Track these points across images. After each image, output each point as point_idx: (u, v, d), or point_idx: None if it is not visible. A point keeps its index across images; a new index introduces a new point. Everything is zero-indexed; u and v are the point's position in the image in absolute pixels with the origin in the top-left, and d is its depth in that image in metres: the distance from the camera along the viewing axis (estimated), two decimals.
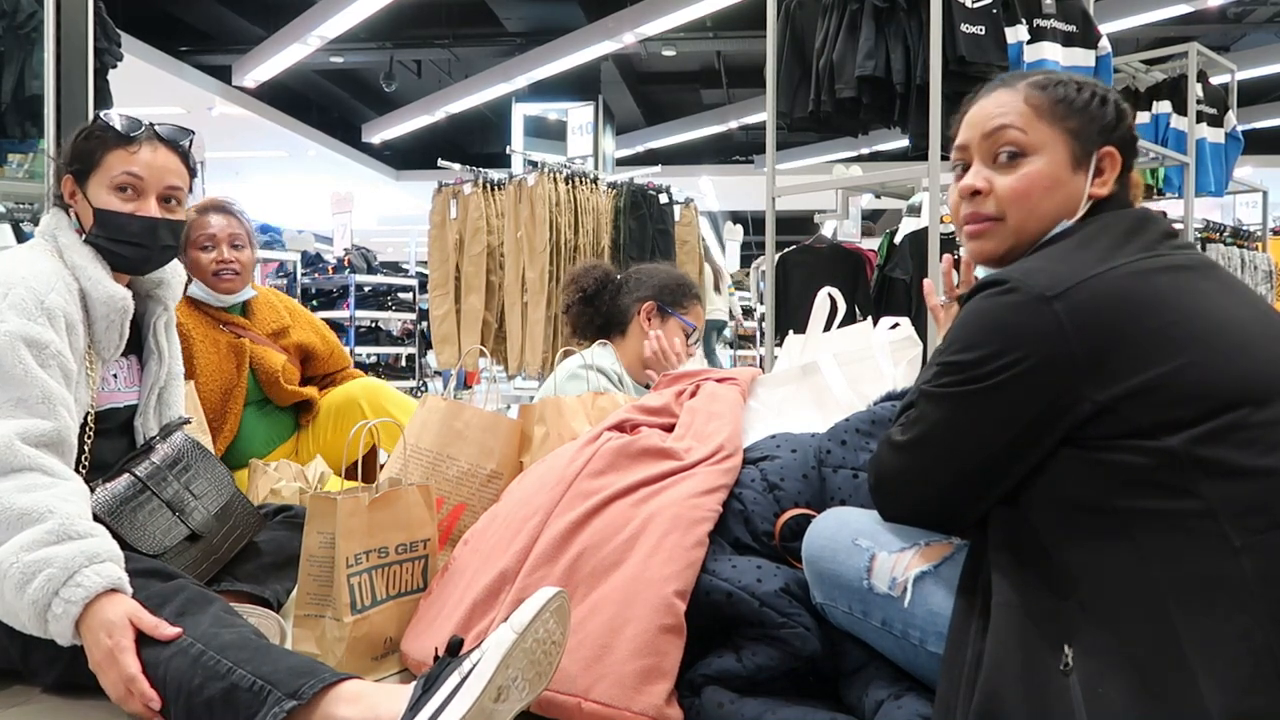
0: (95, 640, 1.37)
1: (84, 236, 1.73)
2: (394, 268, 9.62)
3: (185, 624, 1.38)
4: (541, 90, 11.66)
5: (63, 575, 1.38)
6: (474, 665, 1.18)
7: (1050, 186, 1.27)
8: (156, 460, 1.77)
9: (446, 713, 1.15)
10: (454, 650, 1.23)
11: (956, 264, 1.62)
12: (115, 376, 1.80)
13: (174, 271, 1.89)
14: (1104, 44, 3.92)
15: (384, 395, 2.81)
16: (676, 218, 5.98)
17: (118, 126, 1.72)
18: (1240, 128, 5.69)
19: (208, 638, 1.34)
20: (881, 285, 4.13)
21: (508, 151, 7.74)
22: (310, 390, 2.84)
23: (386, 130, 13.35)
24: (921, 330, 2.68)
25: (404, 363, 9.03)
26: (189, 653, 1.33)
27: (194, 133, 1.82)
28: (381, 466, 1.89)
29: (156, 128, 1.77)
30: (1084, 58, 3.81)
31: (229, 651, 1.31)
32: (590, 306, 2.73)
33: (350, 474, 2.73)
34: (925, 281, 1.72)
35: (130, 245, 1.73)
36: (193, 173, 1.83)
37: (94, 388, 1.71)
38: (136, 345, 1.86)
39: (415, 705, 1.18)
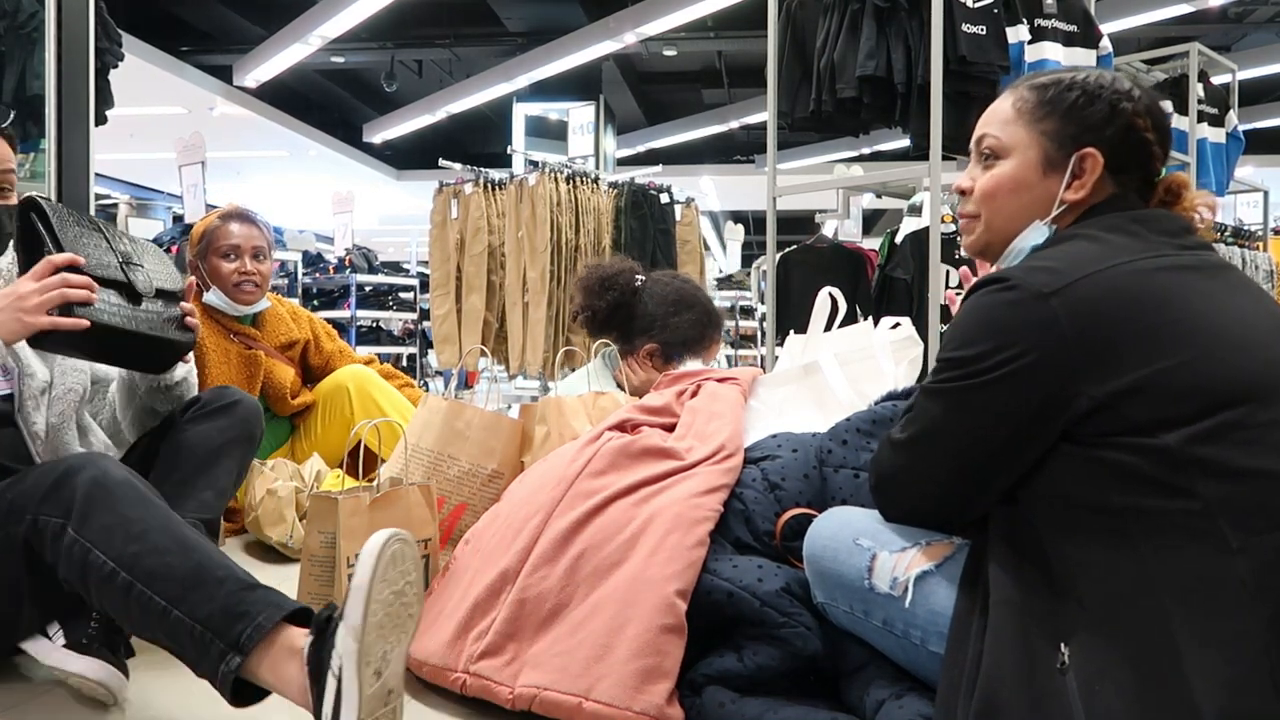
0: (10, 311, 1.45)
1: None
2: (395, 267, 9.61)
3: (92, 533, 1.31)
4: (542, 90, 11.66)
5: None
6: (339, 678, 1.17)
7: (1015, 189, 1.30)
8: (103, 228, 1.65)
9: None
10: (302, 619, 1.24)
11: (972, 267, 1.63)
12: None
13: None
14: (1105, 44, 3.92)
15: (371, 384, 2.83)
16: (678, 217, 5.98)
17: None
18: (1241, 127, 5.69)
19: (129, 562, 1.29)
20: (882, 285, 4.12)
21: (509, 151, 7.73)
22: (309, 398, 2.85)
23: (387, 130, 13.34)
24: (922, 330, 2.68)
25: (405, 362, 9.02)
26: (115, 583, 1.28)
27: (14, 110, 1.72)
28: (381, 460, 1.87)
29: None
30: (1085, 58, 3.81)
31: (157, 585, 1.27)
32: (604, 319, 2.57)
33: (350, 469, 2.74)
34: (948, 292, 1.72)
35: None
36: (15, 148, 1.73)
37: None
38: None
39: (316, 709, 1.18)
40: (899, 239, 4.08)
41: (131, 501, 1.34)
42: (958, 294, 1.56)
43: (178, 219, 7.99)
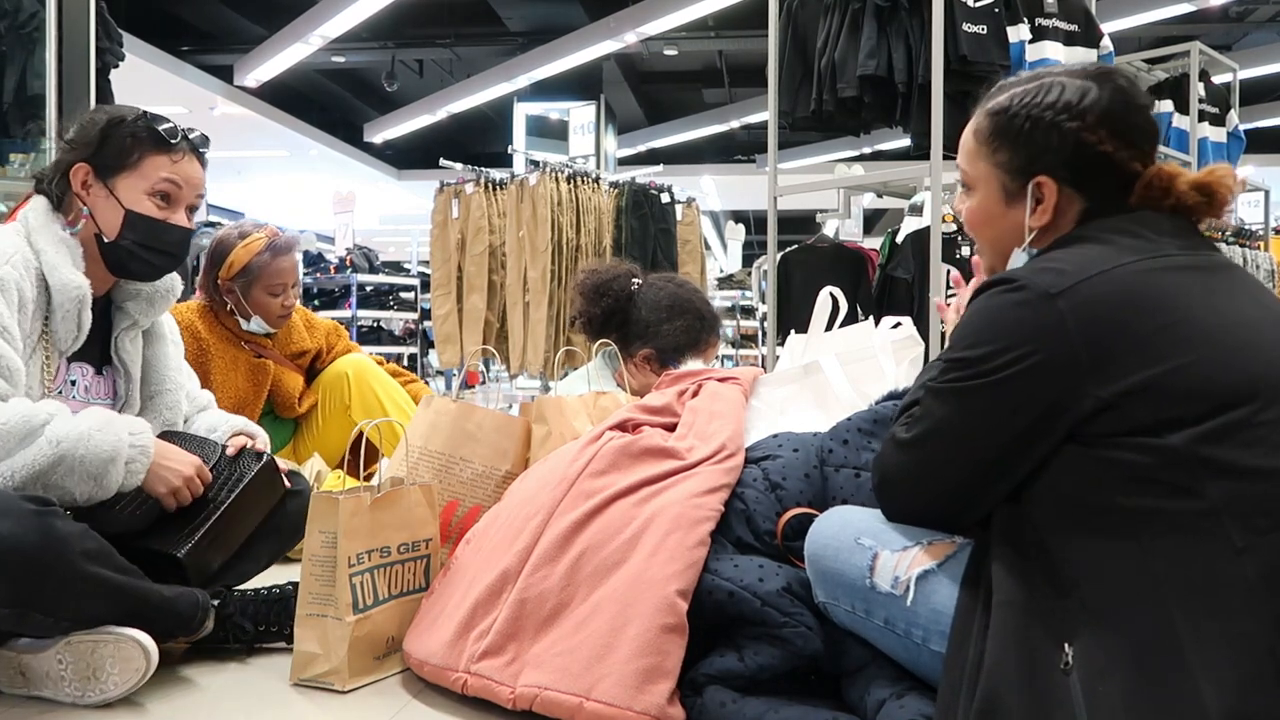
0: (168, 471, 1.63)
1: (101, 236, 1.68)
2: (396, 267, 9.62)
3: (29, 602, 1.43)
4: (543, 90, 11.66)
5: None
6: None
7: (986, 221, 1.33)
8: None
9: None
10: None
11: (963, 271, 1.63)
12: (73, 383, 1.70)
13: (162, 288, 1.81)
14: (1106, 43, 3.92)
15: (369, 373, 2.85)
16: (678, 217, 5.97)
17: (160, 130, 1.70)
18: (1242, 127, 5.69)
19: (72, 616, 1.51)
20: (883, 285, 4.12)
21: (509, 151, 7.74)
22: (313, 399, 2.86)
23: (388, 130, 13.35)
24: (923, 330, 2.68)
25: (406, 362, 9.02)
26: (59, 628, 1.49)
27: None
28: (381, 454, 1.86)
29: (189, 137, 1.75)
30: (1085, 57, 3.81)
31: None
32: (599, 325, 2.58)
33: (351, 468, 2.74)
34: (937, 300, 1.71)
35: (161, 254, 1.72)
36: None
37: (47, 378, 1.64)
38: (107, 357, 1.78)
39: None
40: (900, 239, 4.08)
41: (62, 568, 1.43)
42: (950, 300, 1.56)
43: None
